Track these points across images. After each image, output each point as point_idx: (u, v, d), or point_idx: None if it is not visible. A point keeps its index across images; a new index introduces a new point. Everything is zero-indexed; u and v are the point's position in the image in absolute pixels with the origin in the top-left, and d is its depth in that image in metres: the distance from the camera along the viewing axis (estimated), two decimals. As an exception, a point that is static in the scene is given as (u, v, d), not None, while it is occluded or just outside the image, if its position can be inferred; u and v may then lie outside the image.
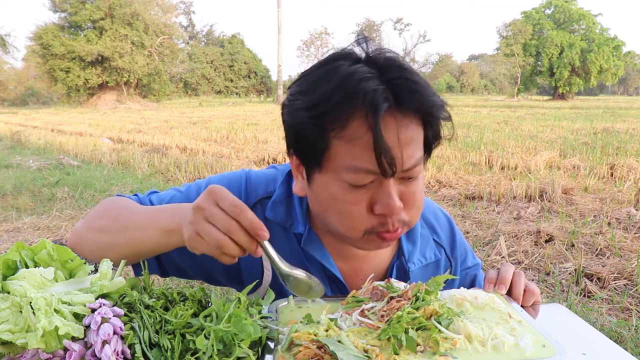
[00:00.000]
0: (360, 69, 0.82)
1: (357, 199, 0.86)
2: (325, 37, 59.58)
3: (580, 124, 15.05)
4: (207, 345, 0.69)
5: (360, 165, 0.82)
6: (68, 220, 5.00)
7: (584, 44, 43.41)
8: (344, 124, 0.81)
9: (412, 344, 0.73)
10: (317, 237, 1.04)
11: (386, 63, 0.84)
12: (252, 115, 21.37)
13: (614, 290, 3.31)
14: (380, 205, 0.85)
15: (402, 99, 0.81)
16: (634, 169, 6.93)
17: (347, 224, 0.89)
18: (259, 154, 9.08)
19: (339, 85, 0.81)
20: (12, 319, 0.70)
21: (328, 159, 0.85)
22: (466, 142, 10.30)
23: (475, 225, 4.76)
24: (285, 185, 1.06)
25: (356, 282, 1.07)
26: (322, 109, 0.82)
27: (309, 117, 0.83)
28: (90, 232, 1.01)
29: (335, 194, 0.87)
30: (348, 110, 0.80)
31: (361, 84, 0.79)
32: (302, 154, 0.90)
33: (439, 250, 1.14)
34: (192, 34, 61.29)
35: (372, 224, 0.88)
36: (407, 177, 0.86)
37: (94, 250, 0.99)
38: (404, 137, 0.82)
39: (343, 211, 0.88)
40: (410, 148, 0.84)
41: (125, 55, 35.56)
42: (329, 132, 0.82)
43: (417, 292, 0.82)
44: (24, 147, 11.16)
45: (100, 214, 1.03)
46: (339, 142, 0.83)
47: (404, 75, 0.83)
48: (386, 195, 0.84)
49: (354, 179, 0.84)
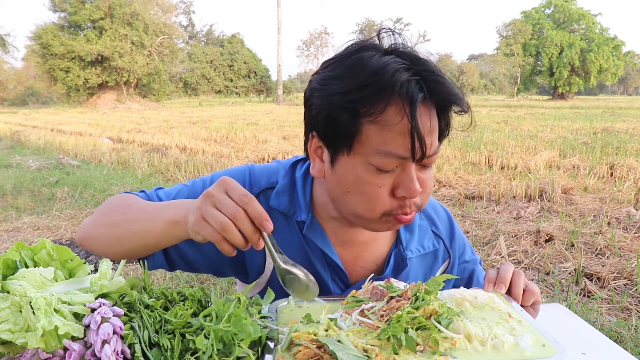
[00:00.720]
0: (393, 60, 0.88)
1: (381, 182, 0.91)
2: (325, 37, 59.57)
3: (580, 124, 15.05)
4: (207, 345, 0.69)
5: (392, 150, 0.87)
6: (68, 220, 5.00)
7: (584, 44, 43.41)
8: (382, 110, 0.86)
9: (412, 344, 0.73)
10: (319, 225, 1.07)
11: (413, 56, 0.90)
12: (252, 115, 21.37)
13: (614, 290, 3.31)
14: (402, 189, 0.90)
15: (432, 90, 0.87)
16: (634, 169, 6.93)
17: (369, 206, 0.93)
18: (259, 154, 9.08)
19: (375, 73, 0.86)
20: (12, 318, 0.70)
21: (359, 142, 0.90)
22: (466, 142, 10.30)
23: (475, 225, 4.76)
24: (289, 175, 1.10)
25: (356, 270, 1.11)
26: (360, 95, 0.87)
27: (345, 101, 0.88)
28: (99, 227, 1.03)
29: (362, 177, 0.91)
30: (385, 98, 0.85)
31: (397, 75, 0.85)
32: (330, 137, 0.94)
33: (437, 241, 1.18)
34: (192, 34, 61.30)
35: (392, 206, 0.93)
36: (426, 164, 0.92)
37: (103, 245, 1.01)
38: (431, 126, 0.89)
39: (367, 193, 0.92)
40: (433, 136, 0.90)
41: (125, 55, 35.54)
42: (364, 117, 0.87)
43: (417, 292, 0.82)
44: (24, 147, 11.16)
45: (109, 209, 1.05)
46: (373, 127, 0.88)
47: (430, 68, 0.88)
48: (409, 180, 0.90)
49: (383, 163, 0.88)
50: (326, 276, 1.08)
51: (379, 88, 0.86)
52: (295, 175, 1.10)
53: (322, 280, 1.08)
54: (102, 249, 1.02)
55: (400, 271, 1.11)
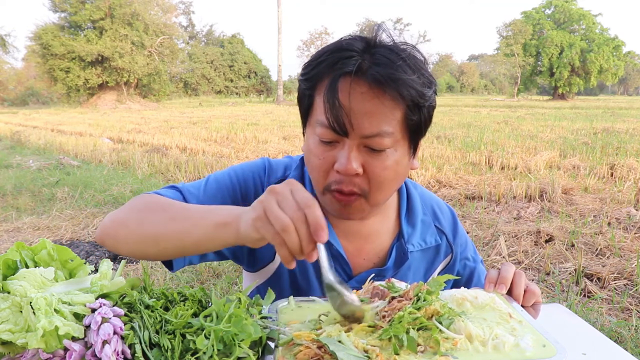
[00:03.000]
0: (350, 41, 0.93)
1: (323, 154, 0.95)
2: (325, 37, 59.58)
3: (580, 124, 15.05)
4: (208, 345, 0.69)
5: (322, 118, 0.92)
6: (68, 220, 5.00)
7: (584, 44, 43.41)
8: (320, 80, 0.94)
9: (412, 344, 0.73)
10: (325, 216, 1.07)
11: (379, 42, 0.93)
12: (252, 115, 21.38)
13: (614, 290, 3.31)
14: (338, 163, 0.93)
15: (372, 70, 0.89)
16: (634, 169, 6.93)
17: (314, 176, 1.00)
18: (259, 154, 9.08)
19: (328, 50, 0.94)
20: (12, 318, 0.70)
21: (311, 114, 0.98)
22: (466, 142, 10.30)
23: (475, 225, 4.76)
24: (299, 168, 1.15)
25: (359, 261, 1.13)
26: (310, 69, 0.95)
27: (303, 76, 0.97)
28: (126, 226, 0.95)
29: (310, 147, 0.98)
30: (325, 69, 0.92)
31: (343, 52, 0.91)
32: (301, 113, 1.02)
33: (440, 236, 1.19)
34: (192, 34, 61.30)
35: (330, 179, 0.96)
36: (370, 146, 0.92)
37: (132, 244, 0.94)
38: (367, 106, 0.90)
39: (312, 163, 0.98)
40: (373, 118, 0.90)
41: (125, 55, 35.54)
42: (314, 90, 0.95)
43: (419, 292, 0.82)
44: (24, 147, 11.17)
45: (138, 208, 0.98)
46: (317, 99, 0.95)
47: (387, 54, 0.91)
48: (343, 155, 0.92)
49: (321, 133, 0.94)
50: (330, 267, 1.09)
51: (322, 61, 0.93)
52: (304, 169, 1.13)
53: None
54: (129, 247, 0.94)
55: (401, 264, 1.13)
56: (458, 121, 15.87)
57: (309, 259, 0.75)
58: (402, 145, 0.96)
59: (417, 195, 1.19)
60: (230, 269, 3.69)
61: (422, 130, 0.98)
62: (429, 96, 0.94)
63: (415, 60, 0.93)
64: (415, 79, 0.90)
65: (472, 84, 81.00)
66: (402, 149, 0.96)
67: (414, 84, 0.90)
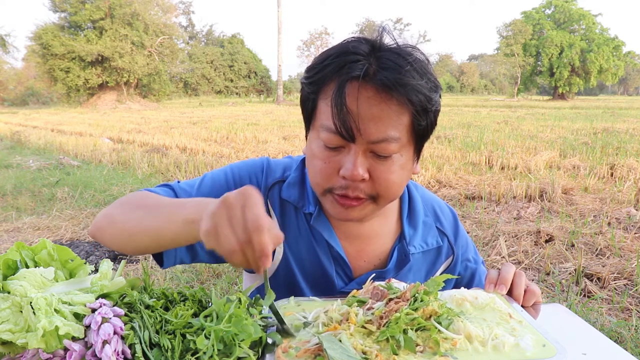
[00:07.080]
0: (355, 44, 0.92)
1: (328, 159, 0.95)
2: (325, 37, 59.56)
3: (580, 124, 15.05)
4: (208, 345, 0.69)
5: (327, 123, 0.91)
6: (68, 220, 5.00)
7: (583, 44, 43.40)
8: (325, 84, 0.92)
9: (410, 344, 0.73)
10: (325, 218, 1.10)
11: (384, 45, 0.92)
12: (252, 115, 21.37)
13: (614, 290, 3.31)
14: (343, 169, 0.93)
15: (379, 75, 0.88)
16: (634, 169, 6.93)
17: (315, 179, 0.98)
18: (258, 154, 9.07)
19: (333, 54, 0.92)
20: (12, 318, 0.70)
21: (315, 118, 0.97)
22: (466, 142, 10.30)
23: (475, 225, 4.76)
24: (299, 169, 1.14)
25: (360, 263, 1.12)
26: (315, 72, 0.94)
27: (306, 79, 0.96)
28: (113, 221, 0.99)
29: (313, 150, 0.97)
30: (331, 73, 0.91)
31: (349, 55, 0.90)
32: (304, 116, 1.02)
33: (441, 238, 1.19)
34: (192, 34, 61.30)
35: (334, 183, 0.95)
36: (376, 152, 0.92)
37: (116, 239, 0.97)
38: (374, 111, 0.89)
39: (315, 166, 0.97)
40: (380, 124, 0.90)
41: (125, 55, 35.55)
42: (318, 94, 0.94)
43: (416, 292, 0.82)
44: (24, 147, 11.16)
45: (124, 203, 1.01)
46: (322, 103, 0.94)
47: (394, 59, 0.89)
48: (349, 160, 0.92)
49: (326, 138, 0.93)
50: (330, 269, 1.10)
51: (330, 67, 0.91)
52: (305, 170, 1.13)
53: (327, 273, 1.10)
54: (113, 242, 0.98)
55: (402, 266, 1.12)
56: (458, 121, 15.87)
57: (257, 272, 0.77)
58: (408, 150, 0.96)
59: (418, 196, 1.19)
60: (230, 268, 3.69)
61: (428, 134, 0.98)
62: (436, 100, 0.94)
63: (421, 64, 0.92)
64: (423, 84, 0.90)
65: (472, 84, 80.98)
66: (407, 153, 0.96)
67: (422, 88, 0.90)
